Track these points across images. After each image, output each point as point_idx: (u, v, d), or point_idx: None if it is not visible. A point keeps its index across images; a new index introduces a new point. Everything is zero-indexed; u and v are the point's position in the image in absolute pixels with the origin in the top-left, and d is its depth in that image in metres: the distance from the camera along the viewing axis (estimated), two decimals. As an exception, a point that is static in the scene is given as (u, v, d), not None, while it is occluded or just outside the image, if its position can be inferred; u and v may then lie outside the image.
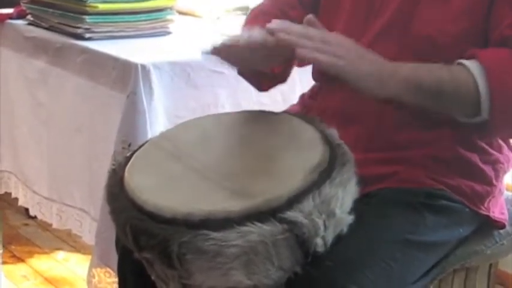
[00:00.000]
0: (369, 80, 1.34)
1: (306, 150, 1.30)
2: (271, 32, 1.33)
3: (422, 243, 1.40)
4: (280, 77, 1.62)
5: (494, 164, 1.53)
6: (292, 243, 1.19)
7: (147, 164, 1.36)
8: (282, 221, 1.18)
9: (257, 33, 1.38)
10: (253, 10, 1.73)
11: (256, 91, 1.67)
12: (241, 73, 1.60)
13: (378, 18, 1.49)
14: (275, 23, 1.34)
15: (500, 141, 1.54)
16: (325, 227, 1.21)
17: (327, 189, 1.22)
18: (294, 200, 1.20)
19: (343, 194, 1.24)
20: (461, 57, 1.39)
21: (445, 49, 1.41)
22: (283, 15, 1.61)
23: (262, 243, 1.17)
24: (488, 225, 1.55)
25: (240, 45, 1.39)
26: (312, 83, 1.66)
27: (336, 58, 1.32)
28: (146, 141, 1.45)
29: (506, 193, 1.63)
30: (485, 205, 1.52)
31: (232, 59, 1.47)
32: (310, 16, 1.37)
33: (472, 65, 1.37)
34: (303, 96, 1.70)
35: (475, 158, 1.50)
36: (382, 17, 1.49)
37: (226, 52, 1.42)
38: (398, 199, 1.43)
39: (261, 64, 1.48)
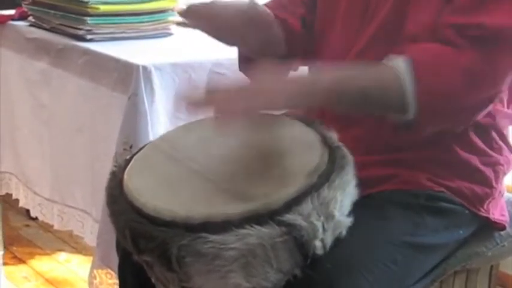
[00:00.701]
0: (295, 98, 1.32)
1: (305, 153, 1.30)
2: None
3: (421, 245, 1.40)
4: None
5: (494, 165, 1.53)
6: (291, 246, 1.19)
7: (146, 166, 1.36)
8: (280, 223, 1.18)
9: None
10: None
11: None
12: (241, 69, 1.62)
13: (373, 20, 1.49)
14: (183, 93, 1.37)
15: (501, 143, 1.54)
16: (324, 230, 1.21)
17: (326, 192, 1.22)
18: (292, 203, 1.20)
19: (342, 197, 1.24)
20: None
21: None
22: (288, 13, 1.61)
23: (261, 246, 1.17)
24: (488, 227, 1.55)
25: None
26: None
27: (252, 101, 1.30)
28: (146, 144, 1.46)
29: (507, 195, 1.63)
30: (485, 207, 1.52)
31: (205, 22, 1.48)
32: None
33: (398, 63, 1.35)
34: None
35: (475, 160, 1.50)
36: (376, 19, 1.48)
37: (198, 14, 1.45)
38: (398, 201, 1.43)
39: (237, 33, 1.49)
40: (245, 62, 1.63)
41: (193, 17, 1.49)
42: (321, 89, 1.34)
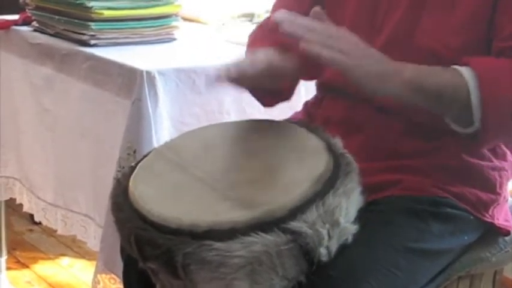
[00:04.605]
0: (372, 79, 1.32)
1: (310, 160, 1.29)
2: (277, 23, 1.32)
3: (426, 251, 1.40)
4: (285, 93, 1.61)
5: (499, 171, 1.53)
6: (296, 253, 1.19)
7: (151, 174, 1.36)
8: (285, 231, 1.17)
9: (262, 55, 1.37)
10: (260, 26, 1.72)
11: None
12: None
13: (381, 32, 1.49)
14: (281, 14, 1.33)
15: (505, 149, 1.54)
16: (329, 237, 1.21)
17: (331, 199, 1.22)
18: (297, 210, 1.19)
19: (347, 204, 1.24)
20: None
21: (448, 62, 1.40)
22: None
23: (266, 254, 1.17)
24: (493, 232, 1.55)
25: (245, 70, 1.39)
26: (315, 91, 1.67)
27: (340, 54, 1.30)
28: (150, 151, 1.45)
29: (511, 200, 1.63)
30: (490, 212, 1.52)
31: (239, 83, 1.45)
32: (317, 8, 1.36)
33: (465, 71, 1.36)
34: (306, 104, 1.70)
35: (480, 165, 1.50)
36: (385, 31, 1.48)
37: (231, 78, 1.40)
38: (402, 207, 1.43)
39: (268, 84, 1.47)
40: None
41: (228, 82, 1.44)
42: (401, 79, 1.34)
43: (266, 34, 1.62)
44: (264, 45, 1.50)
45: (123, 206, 1.30)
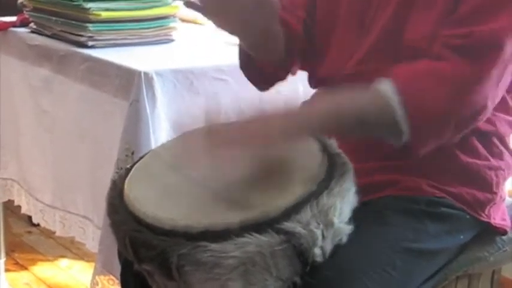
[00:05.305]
0: (295, 135, 1.33)
1: (305, 160, 1.30)
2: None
3: (422, 250, 1.40)
4: (278, 75, 1.62)
5: (495, 170, 1.53)
6: (290, 254, 1.19)
7: (146, 175, 1.36)
8: (279, 232, 1.18)
9: None
10: None
11: (259, 99, 1.67)
12: (241, 66, 1.62)
13: (373, 27, 1.49)
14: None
15: (501, 148, 1.54)
16: (324, 237, 1.21)
17: (325, 200, 1.22)
18: (291, 211, 1.20)
19: (342, 204, 1.24)
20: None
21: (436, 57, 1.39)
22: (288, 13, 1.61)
23: (260, 254, 1.17)
24: (490, 232, 1.56)
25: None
26: (313, 91, 1.67)
27: (261, 138, 1.30)
28: (147, 153, 1.46)
29: (509, 199, 1.63)
30: (486, 212, 1.52)
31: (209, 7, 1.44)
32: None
33: (386, 88, 1.35)
34: (304, 104, 1.70)
35: (476, 165, 1.50)
36: (376, 27, 1.48)
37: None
38: (398, 207, 1.43)
39: (258, 20, 1.45)
40: (246, 59, 1.62)
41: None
42: (317, 120, 1.34)
43: None
44: None
45: (118, 208, 1.30)
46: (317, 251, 1.21)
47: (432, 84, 1.35)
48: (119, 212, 1.29)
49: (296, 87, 1.97)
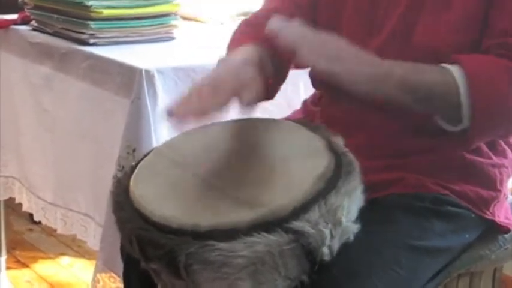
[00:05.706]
0: (363, 83, 1.33)
1: (312, 159, 1.29)
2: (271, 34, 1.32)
3: (429, 248, 1.40)
4: (278, 84, 1.59)
5: (499, 168, 1.53)
6: (298, 253, 1.18)
7: (152, 173, 1.35)
8: (288, 231, 1.17)
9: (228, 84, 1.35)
10: (244, 21, 1.70)
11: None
12: None
13: (381, 30, 1.49)
14: (274, 23, 1.33)
15: (504, 145, 1.55)
16: (332, 236, 1.21)
17: (333, 199, 1.21)
18: (300, 210, 1.19)
19: (349, 203, 1.24)
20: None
21: (446, 60, 1.40)
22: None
23: (269, 254, 1.16)
24: (493, 230, 1.56)
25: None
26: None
27: (332, 63, 1.31)
28: (151, 151, 1.45)
29: (511, 197, 1.63)
30: (491, 210, 1.52)
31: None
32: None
33: (455, 70, 1.36)
34: (305, 102, 1.70)
35: (480, 162, 1.50)
36: (384, 29, 1.48)
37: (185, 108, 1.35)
38: (404, 205, 1.43)
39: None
40: None
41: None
42: (392, 81, 1.34)
43: (249, 30, 1.61)
44: (246, 42, 1.50)
45: (124, 206, 1.29)
46: (325, 250, 1.20)
47: (498, 75, 1.37)
48: (125, 209, 1.28)
49: (297, 84, 1.98)
